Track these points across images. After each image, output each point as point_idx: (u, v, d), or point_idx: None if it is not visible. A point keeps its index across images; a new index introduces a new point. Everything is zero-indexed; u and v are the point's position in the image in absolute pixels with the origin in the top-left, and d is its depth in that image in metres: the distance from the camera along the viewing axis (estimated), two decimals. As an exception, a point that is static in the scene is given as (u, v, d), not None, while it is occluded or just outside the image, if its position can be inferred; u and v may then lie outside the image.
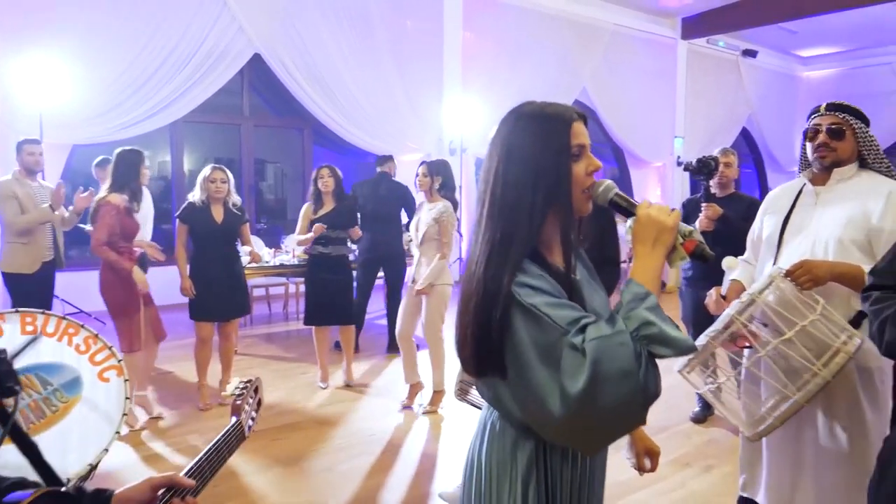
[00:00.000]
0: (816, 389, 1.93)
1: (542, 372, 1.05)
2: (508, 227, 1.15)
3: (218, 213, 4.31)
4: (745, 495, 2.53)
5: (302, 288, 4.92)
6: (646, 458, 1.53)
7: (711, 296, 2.47)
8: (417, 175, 4.28)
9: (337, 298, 4.72)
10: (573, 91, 10.06)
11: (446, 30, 8.79)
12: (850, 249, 2.08)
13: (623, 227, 1.31)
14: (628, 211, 1.22)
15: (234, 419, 1.43)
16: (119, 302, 3.98)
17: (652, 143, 11.33)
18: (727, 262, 2.52)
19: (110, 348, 3.23)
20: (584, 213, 1.23)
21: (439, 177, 4.26)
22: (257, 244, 6.15)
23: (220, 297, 4.31)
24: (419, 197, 4.50)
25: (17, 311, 3.09)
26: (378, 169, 6.04)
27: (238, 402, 1.47)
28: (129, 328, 3.99)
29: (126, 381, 3.22)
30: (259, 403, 1.60)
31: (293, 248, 6.17)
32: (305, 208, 4.79)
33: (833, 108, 2.23)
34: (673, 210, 1.19)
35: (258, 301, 7.45)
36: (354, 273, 5.48)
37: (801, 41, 12.33)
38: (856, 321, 2.03)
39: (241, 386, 1.51)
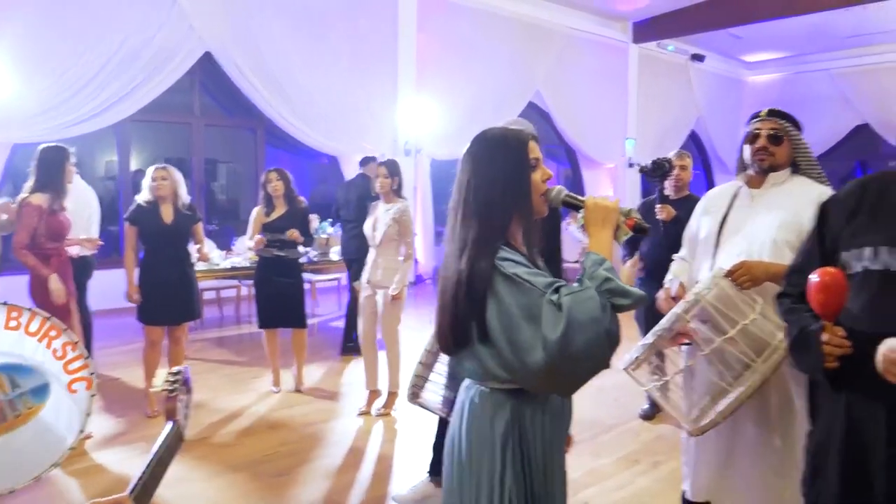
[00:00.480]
0: (756, 385, 2.02)
1: (526, 328, 1.29)
2: (482, 228, 1.40)
3: (167, 214, 4.22)
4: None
5: (254, 290, 4.86)
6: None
7: (661, 296, 2.54)
8: (378, 176, 4.27)
9: (288, 301, 4.66)
10: (527, 93, 10.14)
11: (401, 31, 8.76)
12: (783, 250, 2.17)
13: (575, 226, 1.56)
14: (577, 206, 1.47)
15: (170, 424, 1.33)
16: (48, 307, 3.84)
17: (604, 144, 11.51)
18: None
19: (86, 359, 3.13)
20: (541, 214, 1.50)
21: (397, 177, 4.28)
22: (209, 246, 6.04)
23: (170, 300, 4.22)
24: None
25: (3, 304, 2.97)
26: (360, 170, 6.06)
27: (170, 402, 1.35)
28: None
29: (93, 395, 3.13)
30: (189, 397, 1.47)
31: (245, 251, 6.08)
32: (256, 212, 4.69)
33: (774, 114, 2.34)
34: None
35: (209, 304, 7.30)
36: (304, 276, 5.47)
37: (746, 46, 12.70)
38: (790, 320, 2.11)
39: (170, 379, 1.37)
